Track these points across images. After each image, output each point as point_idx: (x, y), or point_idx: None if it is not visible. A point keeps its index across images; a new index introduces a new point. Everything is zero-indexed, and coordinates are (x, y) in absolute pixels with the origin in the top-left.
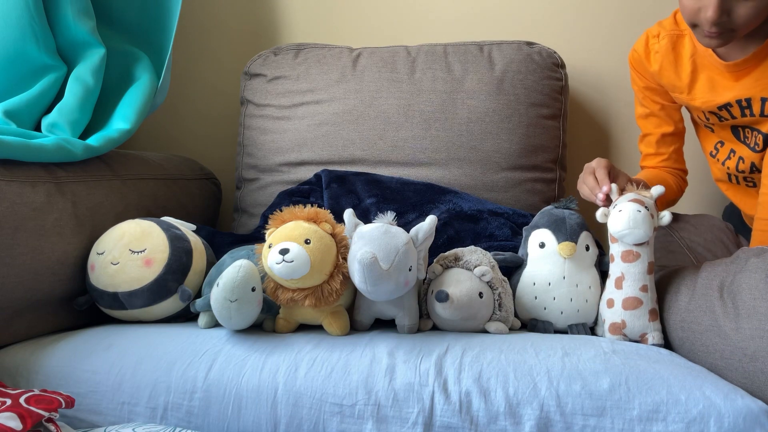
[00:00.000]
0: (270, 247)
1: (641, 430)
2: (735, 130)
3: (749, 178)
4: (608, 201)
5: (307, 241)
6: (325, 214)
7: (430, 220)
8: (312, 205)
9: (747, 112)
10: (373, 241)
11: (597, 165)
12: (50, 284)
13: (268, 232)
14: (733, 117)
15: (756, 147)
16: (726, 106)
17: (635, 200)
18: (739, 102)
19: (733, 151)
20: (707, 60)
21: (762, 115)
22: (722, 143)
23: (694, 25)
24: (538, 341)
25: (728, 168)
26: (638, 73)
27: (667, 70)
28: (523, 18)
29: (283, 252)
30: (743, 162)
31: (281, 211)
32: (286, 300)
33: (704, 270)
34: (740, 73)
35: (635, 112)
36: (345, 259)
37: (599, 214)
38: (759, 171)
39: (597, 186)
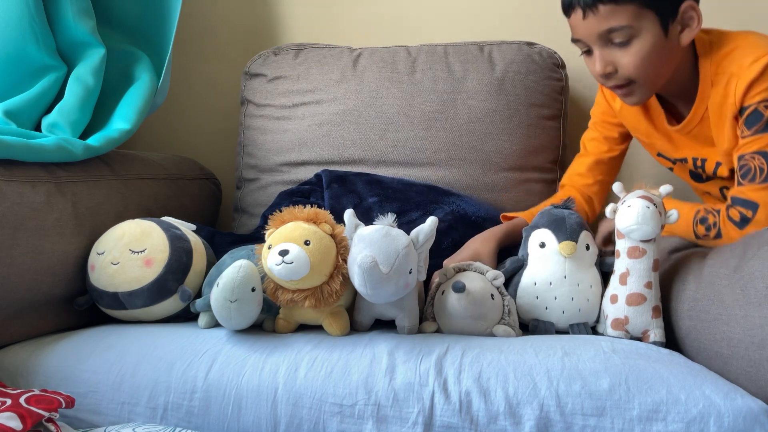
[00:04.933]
0: (270, 248)
1: (641, 430)
2: (694, 175)
3: None
4: None
5: (306, 243)
6: (325, 214)
7: (431, 222)
8: (312, 206)
9: (700, 171)
10: (373, 244)
11: None
12: (50, 284)
13: (267, 233)
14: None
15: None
16: (682, 160)
17: (644, 197)
18: (694, 160)
19: (707, 192)
20: (661, 118)
21: (714, 174)
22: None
23: (606, 86)
24: (538, 342)
25: (716, 201)
26: (605, 100)
27: (627, 110)
28: (524, 18)
29: (283, 253)
30: (727, 189)
31: (281, 211)
32: (285, 301)
33: (710, 258)
34: (689, 135)
35: (585, 134)
36: (345, 260)
37: (608, 210)
38: None
39: None
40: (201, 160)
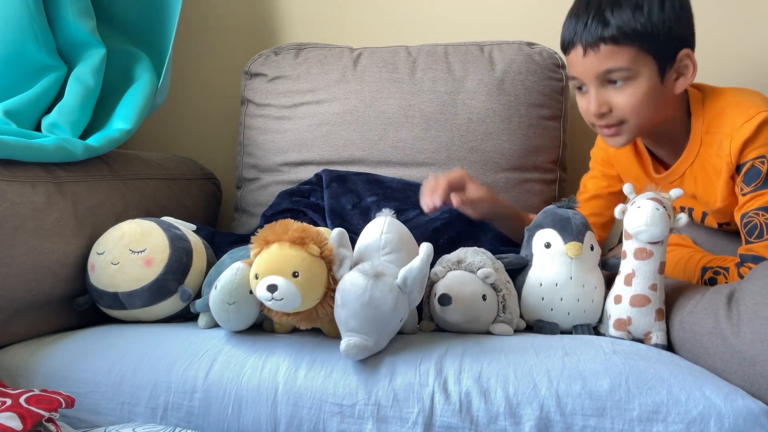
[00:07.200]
0: (257, 277)
1: (641, 431)
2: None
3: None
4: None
5: (295, 275)
6: (312, 233)
7: (421, 261)
8: (306, 214)
9: (688, 216)
10: (356, 315)
11: (450, 173)
12: (50, 284)
13: (252, 253)
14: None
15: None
16: None
17: (654, 198)
18: (681, 208)
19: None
20: (649, 165)
21: (702, 222)
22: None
23: (593, 126)
24: (538, 342)
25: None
26: (601, 147)
27: (620, 155)
28: (524, 18)
29: (271, 289)
30: (727, 225)
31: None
32: (280, 321)
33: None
34: (671, 186)
35: (585, 174)
36: (336, 280)
37: (617, 210)
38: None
39: (435, 191)
40: (201, 160)
